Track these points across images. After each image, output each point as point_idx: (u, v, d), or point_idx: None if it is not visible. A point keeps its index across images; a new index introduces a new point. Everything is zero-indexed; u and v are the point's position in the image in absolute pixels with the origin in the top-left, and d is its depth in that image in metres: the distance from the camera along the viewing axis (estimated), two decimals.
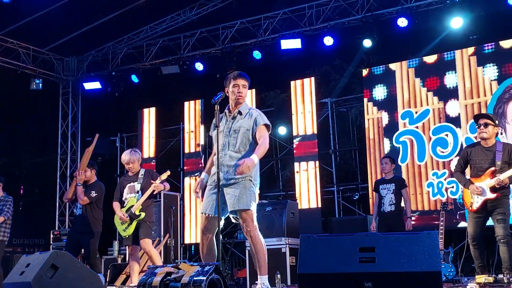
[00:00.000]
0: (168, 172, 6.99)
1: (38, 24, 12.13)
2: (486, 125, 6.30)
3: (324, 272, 3.43)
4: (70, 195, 7.68)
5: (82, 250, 7.71)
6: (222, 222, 5.04)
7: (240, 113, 5.18)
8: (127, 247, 6.91)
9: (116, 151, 14.37)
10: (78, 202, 7.48)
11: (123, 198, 6.99)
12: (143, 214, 6.82)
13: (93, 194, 7.45)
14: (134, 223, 6.83)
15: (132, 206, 6.83)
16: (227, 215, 5.08)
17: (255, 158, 4.85)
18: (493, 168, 6.18)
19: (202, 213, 5.03)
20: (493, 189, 6.18)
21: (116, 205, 6.99)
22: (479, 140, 6.43)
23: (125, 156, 7.09)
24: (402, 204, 8.38)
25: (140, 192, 6.89)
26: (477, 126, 6.40)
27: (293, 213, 9.38)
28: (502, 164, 6.17)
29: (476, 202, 6.27)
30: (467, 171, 6.58)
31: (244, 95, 5.23)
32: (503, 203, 6.23)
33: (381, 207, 8.30)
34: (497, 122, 6.46)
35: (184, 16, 12.71)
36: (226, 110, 5.28)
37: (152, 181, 6.87)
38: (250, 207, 4.91)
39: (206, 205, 5.02)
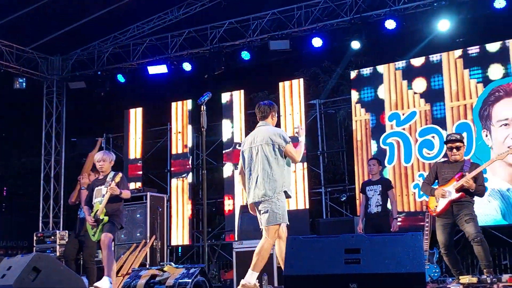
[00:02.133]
0: (120, 174, 6.80)
1: (22, 22, 12.00)
2: (458, 148, 6.52)
3: (309, 274, 3.42)
4: (74, 198, 7.74)
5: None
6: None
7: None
8: (100, 250, 6.89)
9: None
10: (82, 206, 7.47)
11: (93, 202, 6.84)
12: (106, 218, 6.66)
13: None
14: (100, 227, 6.70)
15: (97, 211, 6.70)
16: None
17: None
18: (460, 173, 6.35)
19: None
20: (458, 190, 6.34)
21: (85, 209, 6.90)
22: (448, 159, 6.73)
23: (98, 155, 7.02)
24: (389, 205, 8.41)
25: (105, 196, 6.71)
26: (448, 149, 6.63)
27: None
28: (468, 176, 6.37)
29: (440, 204, 6.44)
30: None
31: None
32: (468, 206, 6.39)
33: (368, 208, 8.34)
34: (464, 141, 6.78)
35: (172, 16, 12.63)
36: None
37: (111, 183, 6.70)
38: None
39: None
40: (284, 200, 5.73)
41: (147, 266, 7.18)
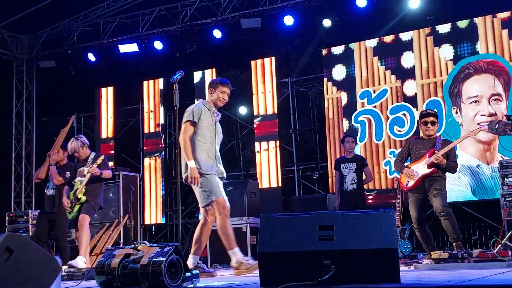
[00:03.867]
0: (102, 156, 7.01)
1: None
2: (433, 123, 6.58)
3: (283, 251, 3.46)
4: (43, 174, 7.69)
5: None
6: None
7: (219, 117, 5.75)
8: (73, 229, 7.00)
9: (73, 131, 14.12)
10: (52, 182, 7.47)
11: (73, 182, 7.03)
12: (83, 198, 6.84)
13: (68, 175, 7.49)
14: (77, 207, 6.86)
15: (77, 190, 6.88)
16: None
17: None
18: (431, 149, 6.44)
19: (221, 197, 5.49)
20: (430, 166, 6.43)
21: (65, 189, 7.11)
22: (421, 136, 6.77)
23: (69, 146, 7.18)
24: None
25: (86, 176, 6.90)
26: (423, 124, 6.65)
27: (254, 193, 9.43)
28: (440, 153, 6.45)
29: (412, 180, 6.53)
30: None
31: (226, 102, 5.90)
32: (439, 181, 6.49)
33: (343, 186, 8.43)
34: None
35: None
36: (209, 107, 5.73)
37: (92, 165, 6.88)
38: None
39: (222, 189, 5.56)
40: (210, 176, 5.48)
41: (121, 245, 7.19)
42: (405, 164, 6.71)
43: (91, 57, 12.94)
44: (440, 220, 6.37)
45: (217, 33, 11.91)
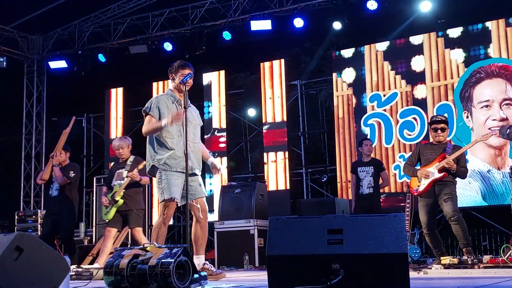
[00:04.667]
0: (144, 162, 6.90)
1: (2, 1, 11.79)
2: (443, 129, 6.54)
3: (292, 254, 3.44)
4: (47, 175, 7.66)
5: None
6: None
7: (188, 104, 5.12)
8: (106, 228, 7.02)
9: (82, 132, 14.17)
10: (57, 183, 7.50)
11: (112, 184, 7.10)
12: (121, 201, 6.92)
13: (72, 174, 7.55)
14: (114, 209, 6.94)
15: (115, 192, 6.95)
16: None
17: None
18: (442, 154, 6.40)
19: (174, 198, 5.04)
20: (441, 170, 6.39)
21: (104, 189, 7.34)
22: (431, 141, 6.76)
23: (115, 142, 7.29)
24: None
25: (125, 179, 6.98)
26: (433, 130, 6.63)
27: (262, 195, 9.41)
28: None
29: (423, 184, 6.50)
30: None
31: (190, 85, 5.27)
32: (450, 186, 6.45)
33: (359, 189, 8.38)
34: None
35: None
36: (174, 99, 5.24)
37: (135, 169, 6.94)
38: None
39: (179, 192, 5.08)
40: (163, 174, 5.09)
41: (129, 246, 7.22)
42: (416, 168, 6.69)
43: (101, 57, 12.97)
44: (450, 225, 6.33)
45: (226, 35, 11.91)
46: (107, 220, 7.07)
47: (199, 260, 5.18)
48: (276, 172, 11.53)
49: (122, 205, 6.97)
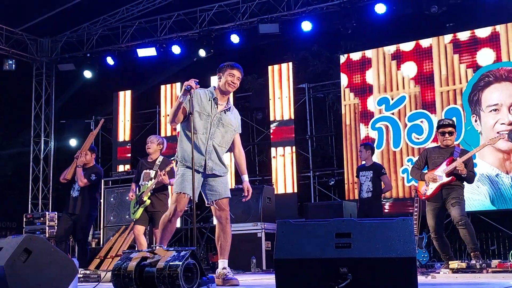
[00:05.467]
0: (171, 165, 7.01)
1: (11, 4, 11.87)
2: (451, 133, 6.52)
3: (300, 258, 3.43)
4: (70, 175, 7.65)
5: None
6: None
7: (230, 108, 5.15)
8: (135, 225, 7.17)
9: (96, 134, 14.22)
10: (77, 184, 7.49)
11: (140, 184, 7.19)
12: (148, 201, 7.01)
13: (93, 177, 7.56)
14: (141, 209, 7.03)
15: (143, 192, 7.04)
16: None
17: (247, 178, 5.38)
18: (450, 158, 6.38)
19: (182, 193, 4.97)
20: (449, 174, 6.36)
21: (133, 185, 7.32)
22: (439, 145, 6.72)
23: (150, 137, 7.44)
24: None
25: (153, 180, 7.05)
26: (440, 134, 6.60)
27: (269, 198, 9.41)
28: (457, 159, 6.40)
29: (430, 188, 6.46)
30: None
31: (237, 86, 5.24)
32: (457, 190, 6.41)
33: (360, 193, 8.38)
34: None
35: None
36: (211, 96, 5.13)
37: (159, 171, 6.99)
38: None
39: (186, 186, 4.97)
40: (180, 169, 5.06)
41: (137, 248, 7.24)
42: (424, 172, 6.66)
43: (110, 60, 13.02)
44: (458, 229, 6.31)
45: (234, 38, 11.93)
46: (134, 219, 7.16)
47: (222, 264, 5.04)
48: (284, 175, 11.53)
49: (149, 206, 7.05)
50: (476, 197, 9.65)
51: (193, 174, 4.73)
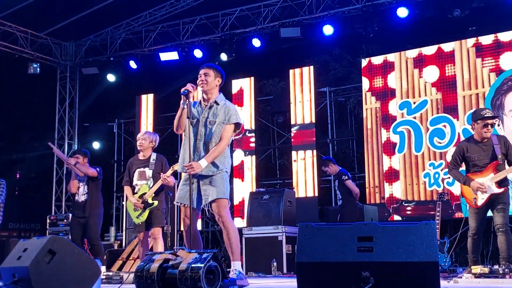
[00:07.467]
0: (171, 170, 6.79)
1: (36, 8, 12.03)
2: (493, 125, 6.24)
3: (322, 261, 3.44)
4: (75, 189, 7.68)
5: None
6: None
7: (216, 103, 5.22)
8: (139, 233, 6.90)
9: (113, 137, 14.36)
10: (82, 189, 7.59)
11: (134, 184, 6.83)
12: (156, 202, 6.76)
13: (98, 168, 7.62)
14: (147, 211, 6.74)
15: (145, 193, 6.72)
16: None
17: (203, 163, 4.94)
18: (495, 162, 6.12)
19: (180, 203, 5.05)
20: (499, 183, 6.08)
21: (128, 189, 6.86)
22: (472, 135, 6.36)
23: (142, 132, 7.07)
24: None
25: (151, 180, 6.77)
26: (483, 126, 6.15)
27: (290, 202, 9.41)
28: (501, 156, 6.13)
29: (481, 198, 6.14)
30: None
31: (208, 82, 5.33)
32: (506, 195, 6.17)
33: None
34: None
35: (184, 2, 12.62)
36: (197, 103, 5.34)
37: (161, 173, 6.75)
38: (226, 196, 5.04)
39: (182, 196, 5.04)
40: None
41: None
42: (467, 176, 6.28)
43: (133, 64, 13.14)
44: (497, 235, 6.14)
45: (256, 42, 11.96)
46: (139, 223, 6.79)
47: (232, 266, 5.02)
48: (305, 178, 11.52)
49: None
50: None
51: (190, 179, 4.76)
